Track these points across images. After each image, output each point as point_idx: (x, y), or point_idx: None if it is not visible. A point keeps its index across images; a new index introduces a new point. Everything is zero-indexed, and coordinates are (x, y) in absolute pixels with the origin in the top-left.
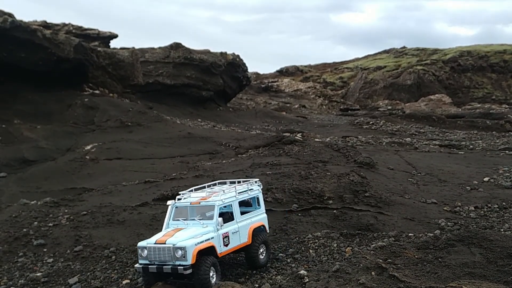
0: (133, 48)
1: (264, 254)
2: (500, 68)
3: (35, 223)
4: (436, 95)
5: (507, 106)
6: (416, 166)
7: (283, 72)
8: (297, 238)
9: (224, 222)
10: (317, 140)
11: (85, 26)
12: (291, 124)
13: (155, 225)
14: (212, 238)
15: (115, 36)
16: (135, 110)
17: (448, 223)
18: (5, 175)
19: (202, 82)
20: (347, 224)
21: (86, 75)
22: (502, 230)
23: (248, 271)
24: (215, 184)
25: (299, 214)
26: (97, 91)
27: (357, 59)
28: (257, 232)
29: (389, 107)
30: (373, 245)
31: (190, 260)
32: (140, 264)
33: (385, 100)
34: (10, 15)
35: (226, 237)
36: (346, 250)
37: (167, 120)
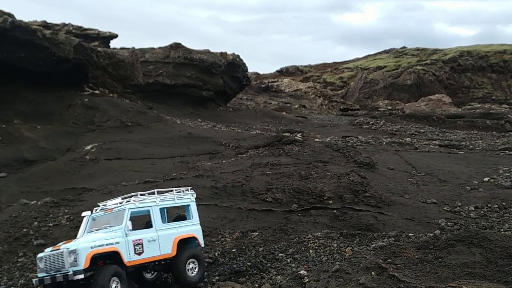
0: (133, 48)
1: (195, 271)
2: (500, 68)
3: (35, 223)
4: (436, 95)
5: (507, 106)
6: (416, 166)
7: (283, 72)
8: (297, 238)
9: (141, 229)
10: (317, 140)
11: (85, 26)
12: (291, 124)
13: None
14: (118, 243)
15: (115, 36)
16: (135, 110)
17: (448, 223)
18: (5, 175)
19: (202, 82)
20: (347, 224)
21: (86, 75)
22: (502, 230)
23: (248, 271)
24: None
25: (299, 214)
26: (97, 91)
27: (357, 59)
28: (186, 244)
29: (389, 107)
30: (373, 245)
31: (82, 264)
32: (39, 277)
33: (385, 100)
34: (10, 15)
35: (138, 244)
36: (346, 250)
37: (167, 120)
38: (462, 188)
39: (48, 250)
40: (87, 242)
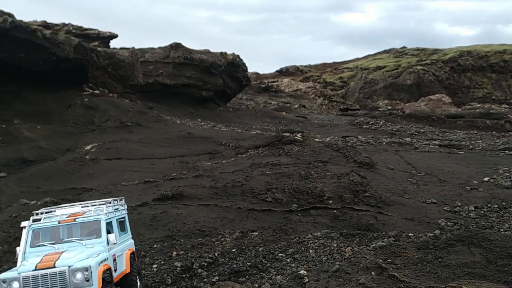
0: (133, 48)
1: (138, 284)
2: (500, 68)
3: None
4: (436, 95)
5: (507, 106)
6: (416, 166)
7: (283, 72)
8: (297, 238)
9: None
10: (317, 140)
11: (85, 26)
12: (291, 124)
13: (155, 225)
14: (107, 259)
15: (115, 36)
16: (135, 110)
17: (448, 223)
18: (5, 175)
19: (202, 82)
20: (347, 224)
21: (86, 75)
22: (502, 230)
23: (248, 271)
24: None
25: (299, 214)
26: (97, 91)
27: (357, 59)
28: (132, 259)
29: (389, 107)
30: (373, 245)
31: (96, 284)
32: None
33: (385, 100)
34: (10, 15)
35: (115, 260)
36: (346, 250)
37: (167, 120)
38: (462, 188)
39: (27, 269)
40: (90, 258)
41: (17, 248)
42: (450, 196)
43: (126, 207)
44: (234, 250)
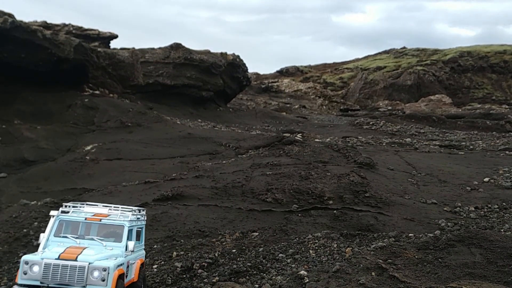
0: (133, 48)
1: None
2: (500, 69)
3: (35, 223)
4: (436, 95)
5: (507, 107)
6: (416, 166)
7: (283, 73)
8: (297, 239)
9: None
10: (317, 140)
11: (85, 26)
12: (291, 125)
13: (155, 226)
14: (123, 264)
15: (115, 37)
16: (135, 110)
17: (448, 224)
18: (5, 175)
19: (202, 83)
20: (347, 225)
21: (86, 75)
22: (502, 230)
23: (248, 271)
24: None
25: (299, 215)
26: (97, 92)
27: (357, 60)
28: (140, 269)
29: (389, 108)
30: (373, 246)
31: (110, 285)
32: (20, 285)
33: (385, 101)
34: (10, 15)
35: (128, 266)
36: (346, 250)
37: (167, 120)
38: (462, 188)
39: (50, 256)
40: (109, 259)
41: (41, 235)
42: (450, 197)
43: (145, 218)
44: (234, 250)
